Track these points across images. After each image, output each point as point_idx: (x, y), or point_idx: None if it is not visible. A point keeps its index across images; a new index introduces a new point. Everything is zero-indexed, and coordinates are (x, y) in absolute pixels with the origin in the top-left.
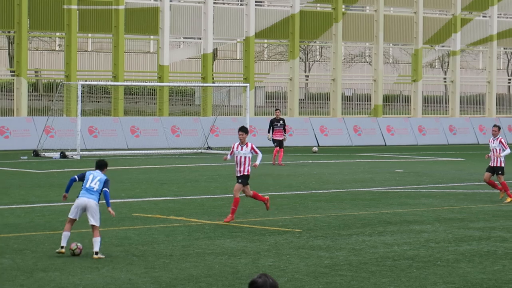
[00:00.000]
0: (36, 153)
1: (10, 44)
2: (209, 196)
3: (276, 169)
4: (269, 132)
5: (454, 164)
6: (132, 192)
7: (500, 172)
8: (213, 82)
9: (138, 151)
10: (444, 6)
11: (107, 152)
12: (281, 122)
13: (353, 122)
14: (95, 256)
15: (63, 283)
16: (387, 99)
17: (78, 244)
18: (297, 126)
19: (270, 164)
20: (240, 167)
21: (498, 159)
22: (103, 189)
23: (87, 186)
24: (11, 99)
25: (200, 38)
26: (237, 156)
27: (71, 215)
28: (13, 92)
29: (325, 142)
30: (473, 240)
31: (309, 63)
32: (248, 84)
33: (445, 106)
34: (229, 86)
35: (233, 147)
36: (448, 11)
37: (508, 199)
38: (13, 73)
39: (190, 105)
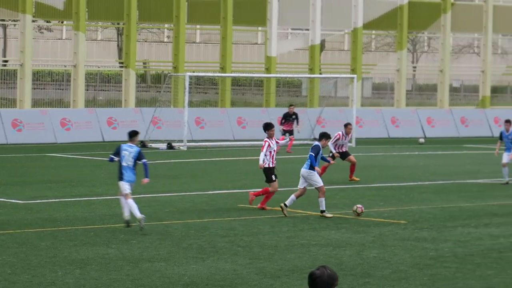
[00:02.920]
0: (143, 144)
1: (119, 36)
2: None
3: (383, 160)
4: (281, 124)
5: None
6: (238, 183)
7: None
8: (320, 73)
9: (244, 142)
10: None
11: (213, 143)
12: (294, 116)
13: (461, 113)
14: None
15: (168, 273)
16: (495, 90)
17: (358, 205)
18: (404, 117)
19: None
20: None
21: None
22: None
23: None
24: (119, 90)
25: (308, 29)
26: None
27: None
28: (121, 83)
29: (432, 133)
30: None
31: (417, 54)
32: (355, 75)
33: None
34: (336, 77)
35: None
36: None
37: None
38: (121, 65)
39: (297, 96)
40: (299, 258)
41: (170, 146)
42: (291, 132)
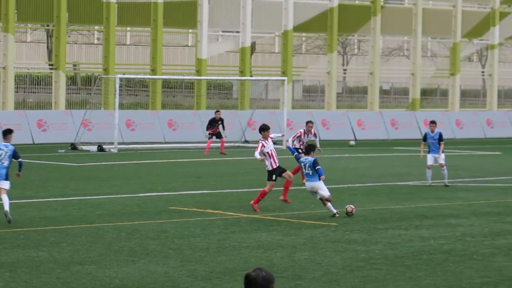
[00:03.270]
0: (73, 147)
1: (49, 38)
2: (246, 190)
3: None
4: (207, 129)
5: (491, 158)
6: (169, 185)
7: None
8: (251, 76)
9: (175, 145)
10: None
11: (144, 146)
12: (219, 122)
13: (391, 115)
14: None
15: (99, 276)
16: (425, 92)
17: (351, 205)
18: (334, 120)
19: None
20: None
21: None
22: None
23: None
24: (49, 93)
25: (238, 32)
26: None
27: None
28: (51, 85)
29: (362, 135)
30: (510, 234)
31: (347, 57)
32: (286, 78)
33: (482, 100)
34: (267, 80)
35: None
36: (487, 4)
37: None
38: (51, 67)
39: (228, 98)
40: (231, 261)
41: (100, 149)
42: (218, 135)
